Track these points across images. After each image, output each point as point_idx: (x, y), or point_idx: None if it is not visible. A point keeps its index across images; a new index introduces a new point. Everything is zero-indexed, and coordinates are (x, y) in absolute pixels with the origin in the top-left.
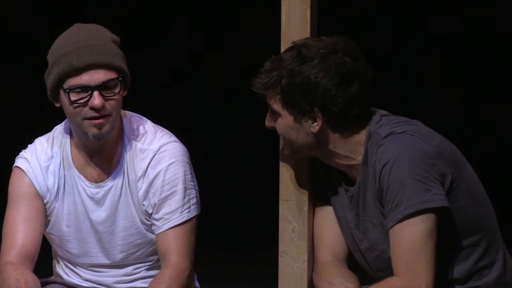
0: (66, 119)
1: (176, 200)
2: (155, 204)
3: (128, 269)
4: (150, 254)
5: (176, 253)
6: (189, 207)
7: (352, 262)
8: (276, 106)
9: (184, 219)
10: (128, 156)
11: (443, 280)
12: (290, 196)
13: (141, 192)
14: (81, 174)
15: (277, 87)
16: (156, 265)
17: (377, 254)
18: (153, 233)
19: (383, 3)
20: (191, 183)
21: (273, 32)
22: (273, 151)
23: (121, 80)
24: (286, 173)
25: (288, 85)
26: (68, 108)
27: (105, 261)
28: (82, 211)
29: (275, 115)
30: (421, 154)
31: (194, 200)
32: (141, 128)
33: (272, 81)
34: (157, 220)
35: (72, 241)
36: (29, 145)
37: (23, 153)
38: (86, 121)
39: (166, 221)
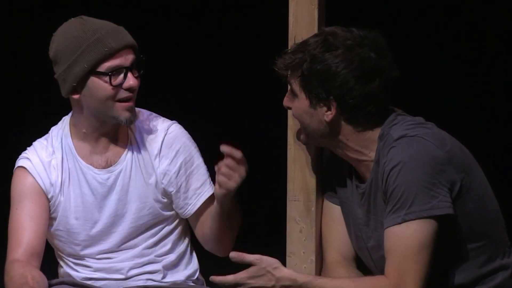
0: (64, 118)
1: (201, 173)
2: (182, 184)
3: (138, 250)
4: (159, 231)
5: None
6: (210, 179)
7: (360, 262)
8: (295, 87)
9: (212, 190)
10: (135, 138)
11: (447, 285)
12: (298, 196)
13: (159, 171)
14: (87, 163)
15: (298, 70)
16: (165, 242)
17: (383, 254)
18: (170, 211)
19: (391, 3)
20: (202, 157)
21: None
22: (281, 151)
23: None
24: (293, 174)
25: (308, 70)
26: (101, 93)
27: (115, 245)
28: (92, 201)
29: (293, 96)
30: (431, 159)
31: (208, 173)
32: (138, 112)
33: (294, 63)
34: (190, 198)
35: (81, 233)
36: (28, 147)
37: (23, 154)
38: (118, 104)
39: (200, 195)
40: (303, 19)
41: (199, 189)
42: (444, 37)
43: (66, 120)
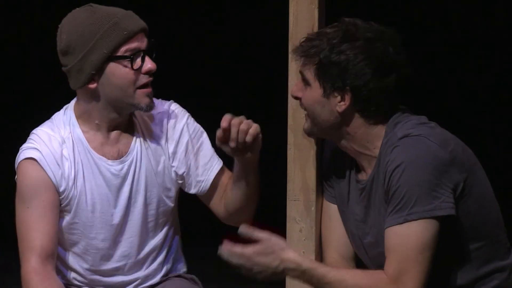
0: (66, 106)
1: (208, 148)
2: (191, 162)
3: (144, 253)
4: (163, 225)
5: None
6: (215, 153)
7: (360, 262)
8: (309, 75)
9: (221, 163)
10: (140, 125)
11: (446, 286)
12: (298, 196)
13: (169, 155)
14: (100, 155)
15: (315, 58)
16: (168, 240)
17: (381, 251)
18: (172, 203)
19: (392, 3)
20: (205, 132)
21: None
22: (281, 151)
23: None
24: (293, 174)
25: (326, 59)
26: (122, 79)
27: (129, 236)
28: (106, 193)
29: (305, 85)
30: (434, 160)
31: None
32: None
33: (312, 51)
34: (201, 175)
35: (96, 225)
36: (29, 138)
37: (28, 144)
38: (139, 91)
39: (210, 170)
40: (303, 19)
41: (208, 164)
42: (445, 37)
43: (69, 110)
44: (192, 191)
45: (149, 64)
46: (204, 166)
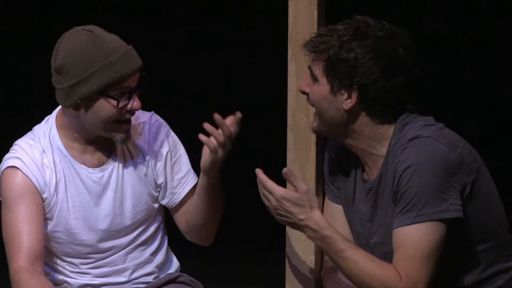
0: (48, 118)
1: (185, 162)
2: (168, 173)
3: (133, 248)
4: (150, 225)
5: None
6: (192, 169)
7: None
8: (318, 71)
9: (196, 179)
10: None
11: (452, 287)
12: None
13: (151, 164)
14: (80, 163)
15: (324, 54)
16: (154, 238)
17: (387, 251)
18: (157, 204)
19: (392, 4)
20: (183, 146)
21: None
22: (280, 152)
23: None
24: None
25: (336, 55)
26: (105, 113)
27: (117, 244)
28: (88, 200)
29: (314, 80)
30: (444, 162)
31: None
32: None
33: (321, 47)
34: (175, 187)
35: (81, 232)
36: (12, 149)
37: (10, 155)
38: (117, 125)
39: (185, 184)
40: (302, 19)
41: (183, 178)
42: (445, 36)
43: (51, 121)
44: (164, 201)
45: (134, 104)
46: (179, 180)
